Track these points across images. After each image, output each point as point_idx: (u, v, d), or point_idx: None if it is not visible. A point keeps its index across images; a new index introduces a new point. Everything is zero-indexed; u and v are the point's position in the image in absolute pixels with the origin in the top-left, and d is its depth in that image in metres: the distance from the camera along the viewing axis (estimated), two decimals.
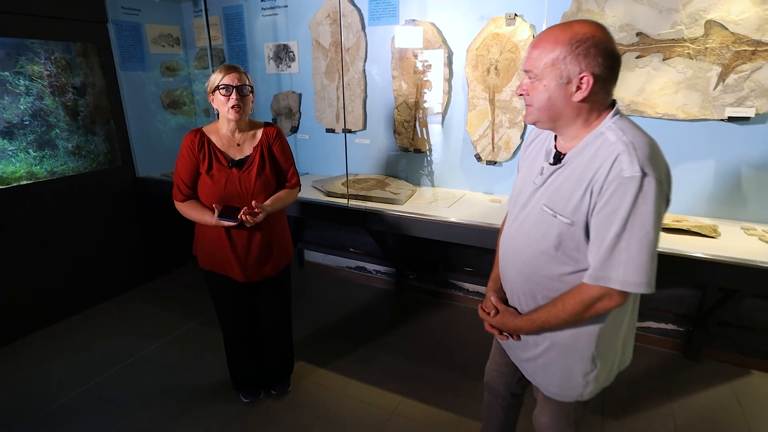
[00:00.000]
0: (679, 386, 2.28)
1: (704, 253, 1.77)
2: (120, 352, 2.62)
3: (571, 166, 1.08)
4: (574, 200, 1.05)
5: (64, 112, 2.93)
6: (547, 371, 1.25)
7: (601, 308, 1.05)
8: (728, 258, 1.73)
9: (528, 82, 1.10)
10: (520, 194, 1.23)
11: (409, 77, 2.69)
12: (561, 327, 1.15)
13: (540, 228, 1.12)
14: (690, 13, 1.94)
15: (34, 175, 2.79)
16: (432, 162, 2.81)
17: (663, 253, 1.79)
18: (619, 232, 0.97)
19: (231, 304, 2.02)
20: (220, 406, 2.19)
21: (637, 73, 2.10)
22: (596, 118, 1.08)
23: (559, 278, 1.12)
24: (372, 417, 2.12)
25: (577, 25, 1.02)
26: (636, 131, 1.03)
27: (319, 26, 2.89)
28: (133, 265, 3.34)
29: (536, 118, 1.12)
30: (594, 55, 0.99)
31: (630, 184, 0.95)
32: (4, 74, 2.77)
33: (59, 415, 2.15)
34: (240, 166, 1.82)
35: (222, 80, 1.71)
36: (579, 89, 1.02)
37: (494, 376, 1.57)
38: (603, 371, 1.21)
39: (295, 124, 3.24)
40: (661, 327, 2.56)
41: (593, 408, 2.13)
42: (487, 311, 1.33)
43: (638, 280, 0.98)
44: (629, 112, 2.13)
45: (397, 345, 2.67)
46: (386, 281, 3.38)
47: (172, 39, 3.40)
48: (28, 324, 2.79)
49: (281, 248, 1.99)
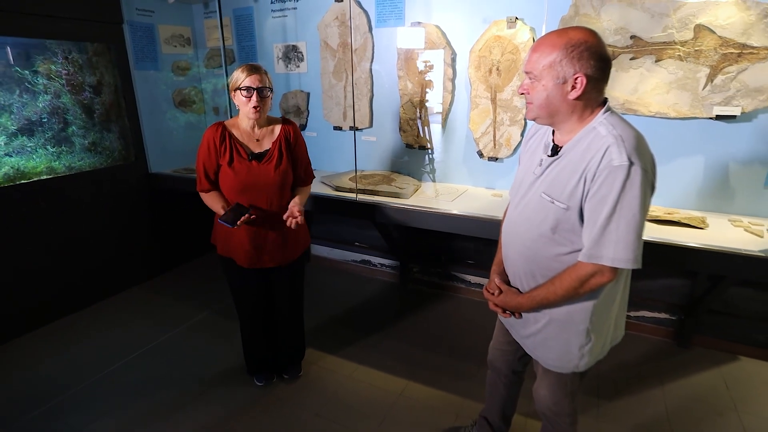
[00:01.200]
0: (670, 371, 2.40)
1: (693, 243, 1.89)
2: (136, 340, 2.73)
3: (567, 157, 1.21)
4: (569, 187, 1.17)
5: (81, 110, 3.04)
6: (546, 345, 1.37)
7: (594, 284, 1.17)
8: (714, 247, 1.85)
9: (528, 82, 1.22)
10: (521, 184, 1.36)
11: (414, 77, 2.81)
12: (559, 303, 1.27)
13: (539, 213, 1.25)
14: (680, 18, 2.06)
15: (53, 170, 2.90)
16: (436, 158, 2.93)
17: (656, 243, 1.92)
18: (610, 215, 1.10)
19: (247, 291, 2.13)
20: (236, 389, 2.30)
21: (632, 74, 2.22)
22: (589, 115, 1.20)
23: (557, 258, 1.24)
24: (380, 399, 2.24)
25: (572, 31, 1.14)
26: (624, 126, 1.15)
27: (328, 28, 3.00)
28: (147, 258, 3.46)
29: (536, 114, 1.24)
30: (587, 58, 1.11)
31: (619, 172, 1.08)
32: (23, 73, 2.88)
33: (82, 397, 2.26)
34: (260, 159, 1.94)
35: (244, 81, 1.82)
36: (574, 88, 1.15)
37: (497, 355, 1.70)
38: (597, 344, 1.33)
39: (303, 122, 3.36)
40: (655, 316, 2.68)
41: (589, 390, 2.25)
42: (491, 291, 1.45)
43: (626, 256, 1.10)
44: (624, 110, 2.25)
45: (401, 333, 2.79)
46: (391, 274, 3.50)
47: (184, 39, 3.52)
48: (49, 313, 2.91)
49: (296, 237, 2.11)
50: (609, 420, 2.09)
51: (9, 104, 2.85)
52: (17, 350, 2.66)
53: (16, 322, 2.75)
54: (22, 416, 2.14)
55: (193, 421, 2.11)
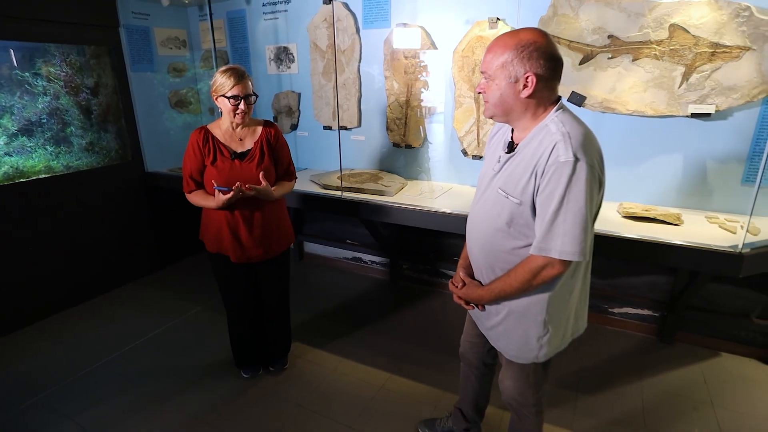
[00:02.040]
0: (650, 367, 2.43)
1: (665, 239, 1.92)
2: (132, 333, 2.82)
3: (521, 153, 1.25)
4: (522, 183, 1.22)
5: (79, 111, 3.14)
6: (507, 336, 1.42)
7: (546, 276, 1.22)
8: (685, 243, 1.88)
9: (484, 81, 1.27)
10: (482, 180, 1.41)
11: (400, 77, 2.86)
12: (516, 295, 1.31)
13: (495, 208, 1.29)
14: (655, 18, 2.09)
15: (51, 170, 2.99)
16: (422, 157, 2.98)
17: (630, 239, 1.96)
18: (557, 209, 1.14)
19: (234, 285, 2.21)
20: (223, 381, 2.38)
21: (609, 72, 2.25)
22: (543, 112, 1.24)
23: (512, 251, 1.29)
24: (361, 391, 2.29)
25: (523, 32, 1.19)
26: (574, 123, 1.20)
27: (317, 29, 3.07)
28: (144, 254, 3.55)
29: (492, 112, 1.29)
30: (536, 57, 1.16)
31: (565, 168, 1.12)
32: (24, 75, 2.98)
33: (75, 387, 2.35)
34: (242, 158, 2.01)
35: (231, 90, 1.88)
36: (525, 87, 1.19)
37: (467, 348, 1.74)
38: (555, 336, 1.37)
39: (294, 122, 3.42)
40: (638, 312, 2.71)
41: (568, 385, 2.29)
42: (455, 284, 1.50)
43: (573, 249, 1.15)
44: (602, 109, 2.29)
45: (388, 329, 2.84)
46: (381, 271, 3.55)
47: (179, 41, 3.60)
48: (47, 307, 3.01)
49: (281, 232, 2.17)
50: (585, 414, 2.12)
51: (10, 105, 2.95)
52: (16, 343, 2.75)
53: (16, 317, 2.85)
54: (16, 405, 2.23)
55: (180, 410, 2.19)
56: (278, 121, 3.49)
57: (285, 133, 3.48)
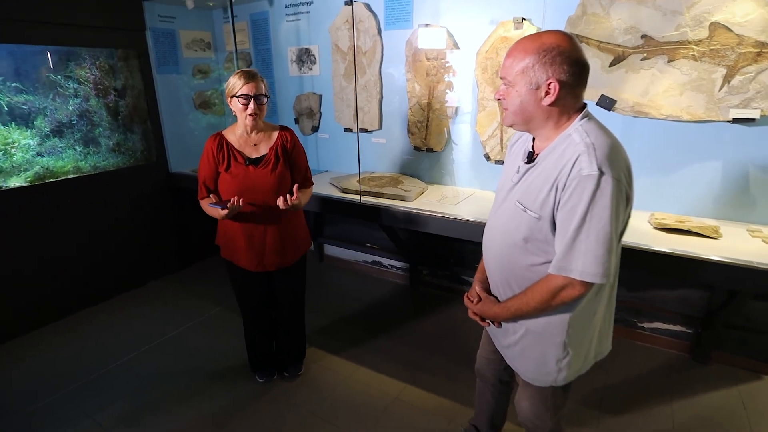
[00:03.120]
0: (683, 387, 2.29)
1: (702, 253, 1.79)
2: (152, 332, 2.87)
3: (542, 165, 1.17)
4: (542, 196, 1.14)
5: (107, 112, 3.21)
6: (524, 356, 1.34)
7: (566, 297, 1.14)
8: (725, 259, 1.75)
9: (504, 88, 1.20)
10: (500, 191, 1.33)
11: (421, 79, 2.79)
12: (533, 314, 1.24)
13: (513, 222, 1.22)
14: (694, 16, 1.95)
15: (79, 170, 3.07)
16: (444, 161, 2.90)
17: (662, 253, 1.83)
18: (579, 226, 1.06)
19: (248, 291, 2.20)
20: (237, 385, 2.37)
21: (642, 75, 2.12)
22: (566, 121, 1.16)
23: (530, 268, 1.21)
24: (375, 401, 2.25)
25: (546, 35, 1.11)
26: (599, 133, 1.11)
27: (338, 31, 3.03)
28: (166, 254, 3.61)
29: (511, 120, 1.21)
30: (560, 63, 1.08)
31: (588, 182, 1.04)
32: (56, 78, 3.07)
33: (100, 383, 2.41)
34: (256, 164, 1.99)
35: (241, 89, 1.87)
36: (548, 94, 1.11)
37: (483, 364, 1.67)
38: (576, 358, 1.28)
39: (315, 124, 3.41)
40: (670, 328, 2.56)
41: (591, 403, 2.18)
42: (471, 299, 1.43)
43: (595, 270, 1.06)
44: (634, 113, 2.16)
45: (406, 336, 2.79)
46: (401, 276, 3.50)
47: (204, 43, 3.64)
48: (72, 304, 3.09)
49: (296, 240, 2.15)
50: None
51: (44, 107, 3.05)
52: (40, 340, 2.84)
53: (40, 314, 2.94)
54: (38, 401, 2.29)
55: (194, 412, 2.20)
56: (300, 123, 3.48)
57: (306, 135, 3.47)
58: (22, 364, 2.59)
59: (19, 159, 2.83)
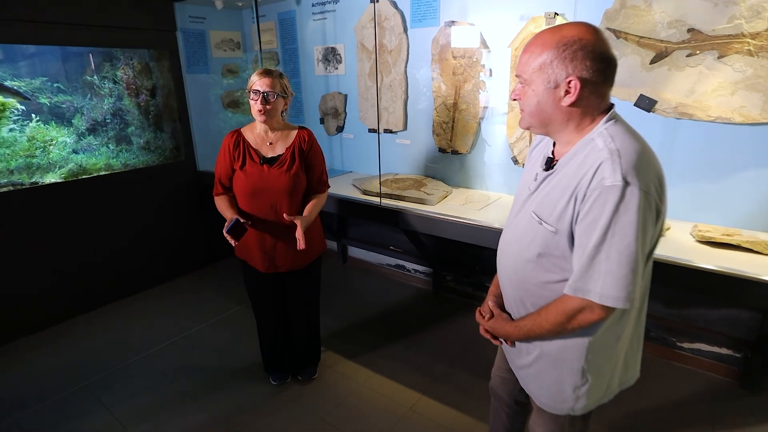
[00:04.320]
0: (727, 416, 2.08)
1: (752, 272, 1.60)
2: (174, 327, 2.92)
3: (561, 172, 1.06)
4: (559, 208, 1.02)
5: (138, 111, 3.30)
6: (538, 380, 1.23)
7: (583, 321, 1.02)
8: None
9: (520, 86, 1.09)
10: (517, 200, 1.22)
11: (448, 78, 2.69)
12: (547, 337, 1.12)
13: (527, 235, 1.11)
14: (751, 6, 1.75)
15: (111, 167, 3.17)
16: (469, 163, 2.78)
17: (708, 271, 1.65)
18: (599, 243, 0.94)
19: (262, 293, 2.17)
20: (250, 386, 2.36)
21: (687, 72, 1.93)
22: (589, 123, 1.04)
23: (545, 286, 1.10)
24: (388, 411, 2.17)
25: (567, 27, 0.99)
26: (627, 137, 0.98)
27: (364, 29, 2.97)
28: (193, 251, 3.68)
29: (528, 123, 1.10)
30: (581, 58, 0.96)
31: (611, 193, 0.92)
32: (93, 78, 3.18)
33: (120, 376, 2.47)
34: (271, 163, 1.96)
35: (254, 84, 1.85)
36: (567, 93, 1.00)
37: (498, 382, 1.56)
38: (597, 387, 1.16)
39: (340, 124, 3.36)
40: (714, 350, 2.33)
41: (621, 427, 2.01)
42: (483, 314, 1.33)
43: (616, 294, 0.94)
44: (677, 115, 1.97)
45: (424, 343, 2.69)
46: (424, 281, 3.40)
47: (233, 43, 3.68)
48: (101, 297, 3.19)
49: (310, 242, 2.09)
50: None
51: (81, 107, 3.17)
52: (71, 330, 2.94)
53: (73, 305, 3.05)
54: (63, 390, 2.36)
55: (206, 411, 2.20)
56: (325, 122, 3.45)
57: (331, 135, 3.44)
58: (54, 353, 2.69)
59: (56, 156, 2.95)
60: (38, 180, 2.83)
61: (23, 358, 2.66)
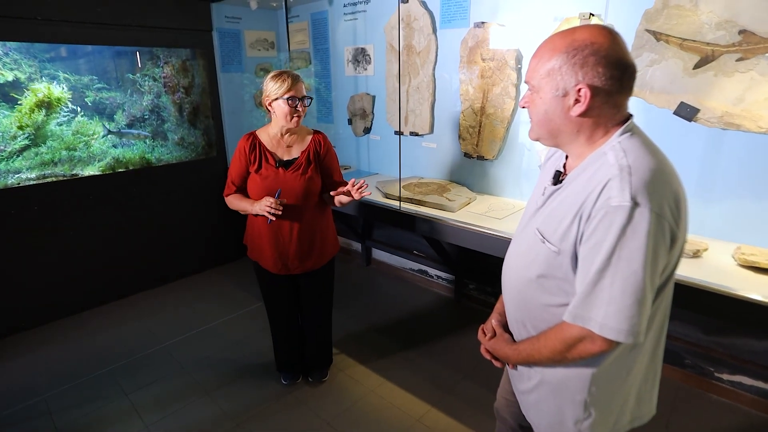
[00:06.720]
0: None
1: None
2: (196, 320, 3.00)
3: (569, 188, 0.97)
4: (563, 226, 0.94)
5: (174, 108, 3.42)
6: (538, 409, 1.14)
7: (583, 352, 0.93)
8: None
9: (529, 94, 1.01)
10: (525, 214, 1.14)
11: (476, 82, 2.59)
12: (546, 364, 1.04)
13: (530, 253, 1.03)
14: None
15: (146, 161, 3.29)
16: (495, 170, 2.68)
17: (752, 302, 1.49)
18: (602, 269, 0.85)
19: (274, 294, 2.18)
20: (261, 383, 2.38)
21: (737, 79, 1.76)
22: (602, 135, 0.95)
23: (547, 309, 1.01)
24: (395, 420, 2.12)
25: (579, 31, 0.91)
26: (642, 152, 0.88)
27: (393, 30, 2.93)
28: (222, 245, 3.77)
29: (537, 134, 1.03)
30: (593, 64, 0.88)
31: (617, 214, 0.83)
32: (135, 76, 3.32)
33: (140, 364, 2.56)
34: (287, 167, 1.95)
35: (290, 92, 1.83)
36: (577, 102, 0.91)
37: (503, 404, 1.48)
38: (603, 421, 1.06)
39: (368, 125, 3.34)
40: (756, 385, 2.12)
41: None
42: (485, 332, 1.26)
43: (618, 326, 0.85)
44: (722, 125, 1.80)
45: (440, 353, 2.62)
46: (446, 288, 3.32)
47: (268, 43, 3.74)
48: (134, 285, 3.33)
49: (323, 244, 2.09)
50: None
51: (123, 103, 3.32)
52: (102, 316, 3.09)
53: (106, 292, 3.19)
54: (87, 374, 2.48)
55: (216, 405, 2.24)
56: (352, 123, 3.43)
57: (358, 136, 3.42)
58: (87, 336, 2.84)
59: (96, 149, 3.10)
60: (78, 172, 2.98)
61: (60, 338, 2.82)
